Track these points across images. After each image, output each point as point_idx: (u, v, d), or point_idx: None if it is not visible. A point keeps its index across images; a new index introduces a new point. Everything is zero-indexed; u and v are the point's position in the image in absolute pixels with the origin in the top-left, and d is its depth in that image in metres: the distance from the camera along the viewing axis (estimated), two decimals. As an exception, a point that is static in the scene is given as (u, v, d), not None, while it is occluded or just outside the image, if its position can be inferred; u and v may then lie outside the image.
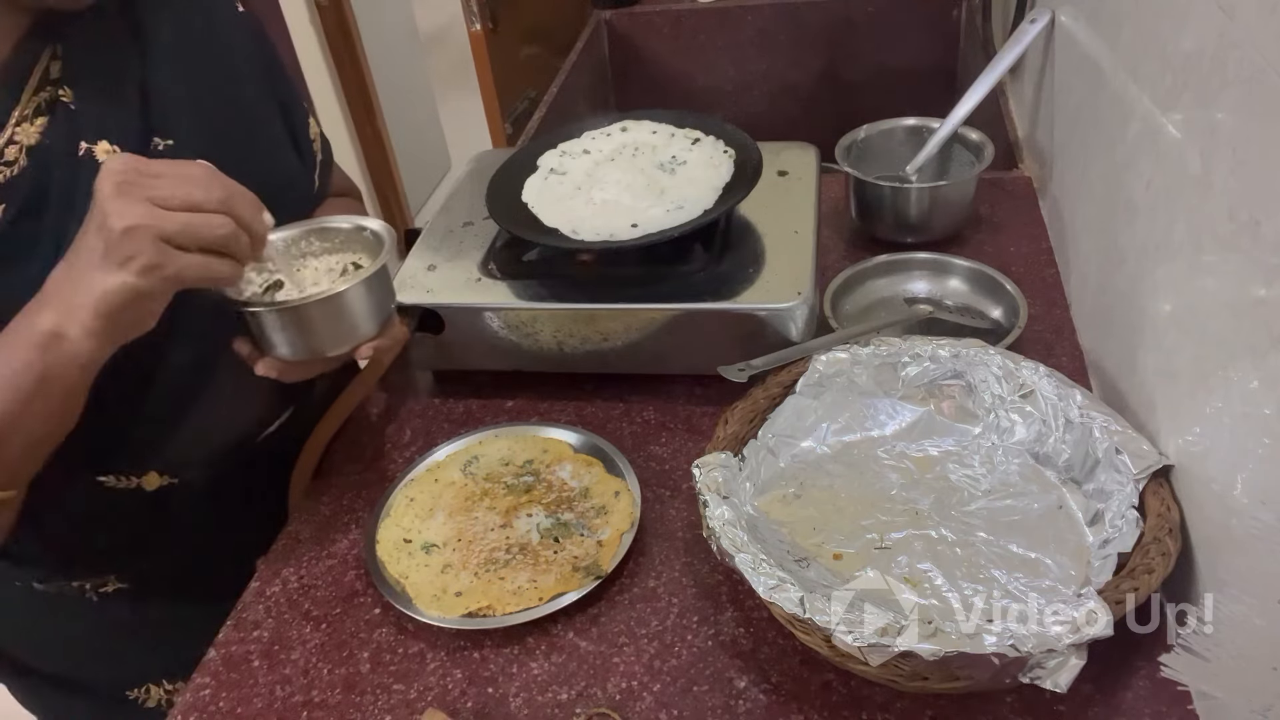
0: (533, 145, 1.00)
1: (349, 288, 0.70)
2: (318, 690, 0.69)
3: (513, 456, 0.83)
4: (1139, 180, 0.74)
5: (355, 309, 0.72)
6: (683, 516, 0.78)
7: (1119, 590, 0.58)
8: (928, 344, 0.78)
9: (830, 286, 0.94)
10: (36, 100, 0.67)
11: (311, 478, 0.87)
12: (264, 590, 0.77)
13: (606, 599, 0.72)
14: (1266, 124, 0.53)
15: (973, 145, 1.09)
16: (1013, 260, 1.01)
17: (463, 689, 0.67)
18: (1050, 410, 0.73)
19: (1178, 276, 0.66)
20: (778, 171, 0.98)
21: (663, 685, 0.66)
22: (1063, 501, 0.70)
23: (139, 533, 0.82)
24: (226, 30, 0.81)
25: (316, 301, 0.70)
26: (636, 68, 1.84)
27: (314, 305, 0.70)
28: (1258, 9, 0.54)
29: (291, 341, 0.71)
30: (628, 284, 0.87)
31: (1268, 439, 0.52)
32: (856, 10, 1.72)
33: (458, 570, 0.73)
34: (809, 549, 0.70)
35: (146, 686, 0.90)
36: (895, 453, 0.77)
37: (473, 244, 0.94)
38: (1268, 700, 0.51)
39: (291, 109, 0.86)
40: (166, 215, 0.58)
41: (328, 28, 2.54)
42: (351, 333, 0.73)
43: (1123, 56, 0.81)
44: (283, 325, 0.70)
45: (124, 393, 0.74)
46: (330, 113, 2.63)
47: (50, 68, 0.68)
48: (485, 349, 0.90)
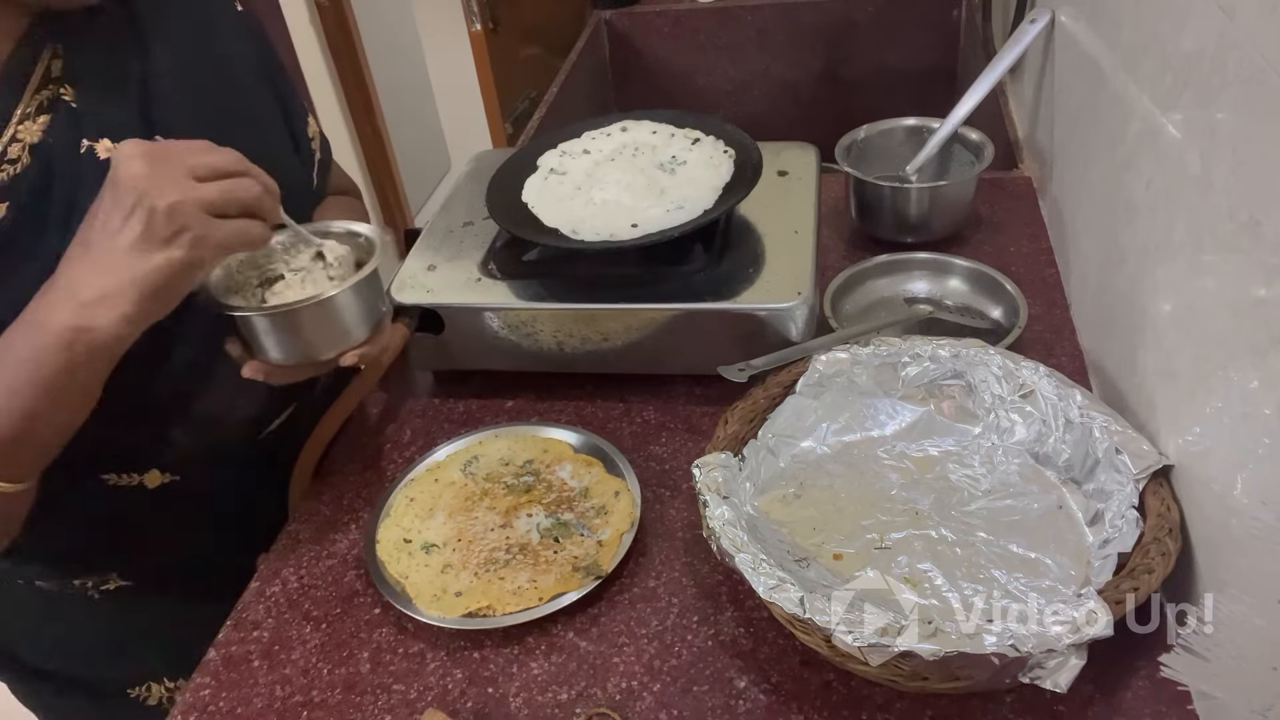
0: (533, 145, 1.00)
1: (338, 292, 0.70)
2: (318, 690, 0.69)
3: (513, 456, 0.83)
4: (1139, 180, 0.74)
5: (345, 314, 0.72)
6: (683, 516, 0.78)
7: (1119, 590, 0.58)
8: (928, 344, 0.78)
9: (830, 286, 0.94)
10: (39, 98, 0.67)
11: (311, 478, 0.87)
12: (264, 590, 0.77)
13: (606, 599, 0.72)
14: (1266, 124, 0.53)
15: (973, 145, 1.09)
16: (1013, 260, 1.01)
17: (463, 689, 0.67)
18: (1050, 410, 0.73)
19: (1178, 276, 0.66)
20: (778, 171, 0.98)
21: (663, 685, 0.66)
22: (1063, 501, 0.70)
23: (140, 531, 0.82)
24: (225, 29, 0.81)
25: (306, 306, 0.70)
26: (636, 68, 1.84)
27: (303, 310, 0.70)
28: (1258, 9, 0.54)
29: (281, 345, 0.71)
30: (628, 284, 0.87)
31: (1268, 439, 0.52)
32: (856, 10, 1.72)
33: (458, 570, 0.73)
34: (809, 549, 0.70)
35: (148, 684, 0.90)
36: (895, 453, 0.77)
37: (473, 244, 0.94)
38: (1268, 700, 0.51)
39: (290, 108, 0.86)
40: (205, 185, 0.60)
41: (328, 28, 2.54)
42: (342, 337, 0.73)
43: (1123, 56, 0.81)
44: (272, 329, 0.70)
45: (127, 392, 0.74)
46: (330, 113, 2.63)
47: (51, 66, 0.68)
48: (485, 349, 0.90)
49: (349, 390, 0.85)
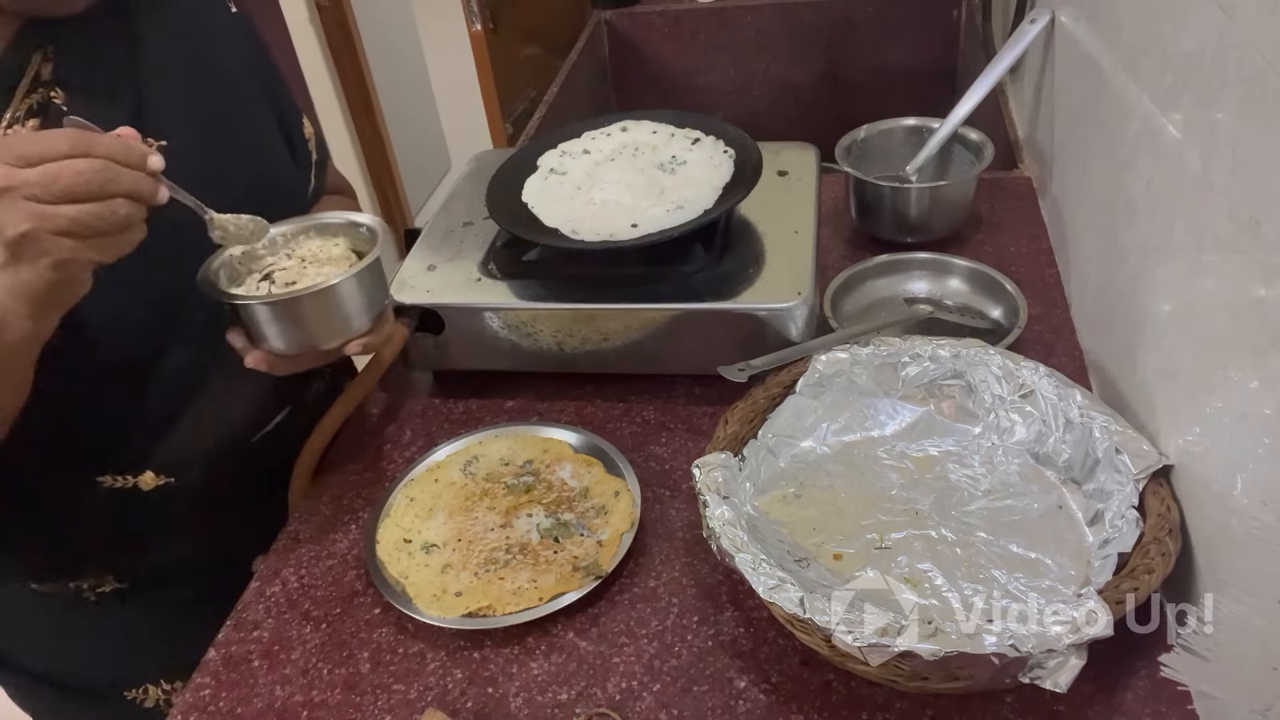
0: (533, 145, 1.00)
1: (341, 280, 0.71)
2: (318, 690, 0.69)
3: (513, 456, 0.83)
4: (1139, 180, 0.74)
5: (347, 302, 0.72)
6: (683, 516, 0.78)
7: (1119, 590, 0.58)
8: (928, 344, 0.78)
9: (830, 286, 0.94)
10: (29, 102, 0.66)
11: (311, 478, 0.87)
12: (264, 590, 0.77)
13: (606, 599, 0.72)
14: (1266, 124, 0.53)
15: (973, 145, 1.09)
16: (1013, 260, 1.01)
17: (463, 689, 0.67)
18: (1050, 410, 0.73)
19: (1178, 276, 0.66)
20: (778, 171, 0.98)
21: (663, 685, 0.66)
22: (1063, 501, 0.70)
23: (137, 533, 0.82)
24: (219, 31, 0.81)
25: (309, 294, 0.70)
26: (636, 68, 1.84)
27: (306, 298, 0.70)
28: (1258, 9, 0.54)
29: (284, 334, 0.71)
30: (628, 284, 0.87)
31: (1268, 439, 0.52)
32: (856, 10, 1.72)
33: (458, 570, 0.73)
34: (809, 549, 0.70)
35: (145, 687, 0.90)
36: (895, 453, 0.77)
37: (473, 244, 0.94)
38: (1268, 700, 0.51)
39: (285, 109, 0.86)
40: (53, 212, 0.55)
41: (328, 28, 2.54)
42: (344, 326, 0.73)
43: (1123, 56, 0.81)
44: (275, 318, 0.70)
45: (121, 394, 0.74)
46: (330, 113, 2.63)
47: (42, 69, 0.67)
48: (485, 349, 0.90)
49: (349, 391, 0.85)
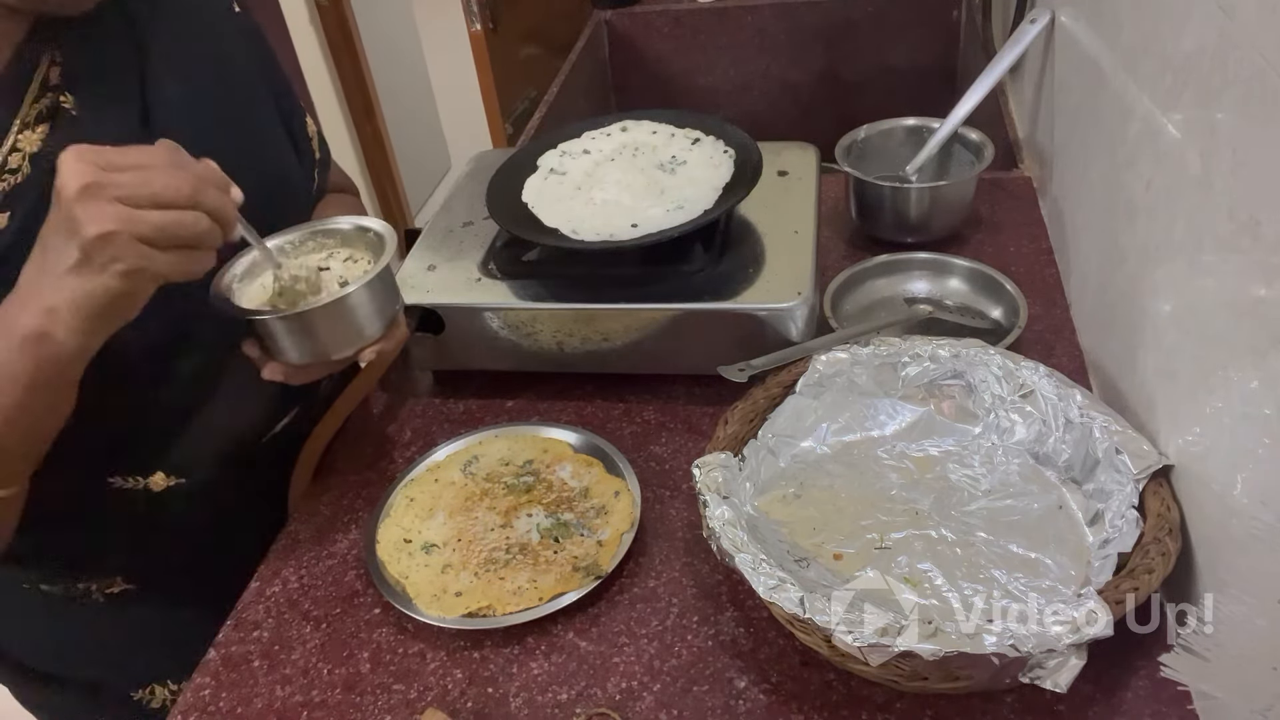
0: (533, 145, 1.00)
1: (353, 291, 0.71)
2: (318, 690, 0.69)
3: (513, 456, 0.83)
4: (1139, 180, 0.74)
5: (360, 312, 0.73)
6: (683, 516, 0.78)
7: (1119, 590, 0.58)
8: (928, 344, 0.78)
9: (830, 286, 0.94)
10: (38, 107, 0.66)
11: (311, 478, 0.87)
12: (264, 590, 0.77)
13: (606, 599, 0.72)
14: (1266, 124, 0.53)
15: (973, 145, 1.09)
16: (1013, 260, 1.01)
17: (463, 689, 0.67)
18: (1050, 410, 0.73)
19: (1178, 276, 0.66)
20: (778, 171, 0.98)
21: (663, 685, 0.66)
22: (1063, 501, 0.70)
23: (145, 533, 0.82)
24: (223, 32, 0.81)
25: (322, 307, 0.70)
26: (636, 68, 1.84)
27: (319, 310, 0.70)
28: (1258, 9, 0.54)
29: (299, 346, 0.71)
30: (628, 284, 0.87)
31: (1268, 439, 0.52)
32: (856, 10, 1.72)
33: (458, 570, 0.73)
34: (809, 549, 0.70)
35: (151, 687, 0.90)
36: (895, 453, 0.77)
37: (473, 244, 0.94)
38: (1268, 700, 0.51)
39: (288, 109, 0.87)
40: (139, 216, 0.56)
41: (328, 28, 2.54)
42: (357, 335, 0.73)
43: (1123, 56, 0.81)
44: (289, 331, 0.71)
45: (133, 397, 0.74)
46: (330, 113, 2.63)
47: (50, 74, 0.67)
48: (485, 349, 0.90)
49: (349, 391, 0.85)
